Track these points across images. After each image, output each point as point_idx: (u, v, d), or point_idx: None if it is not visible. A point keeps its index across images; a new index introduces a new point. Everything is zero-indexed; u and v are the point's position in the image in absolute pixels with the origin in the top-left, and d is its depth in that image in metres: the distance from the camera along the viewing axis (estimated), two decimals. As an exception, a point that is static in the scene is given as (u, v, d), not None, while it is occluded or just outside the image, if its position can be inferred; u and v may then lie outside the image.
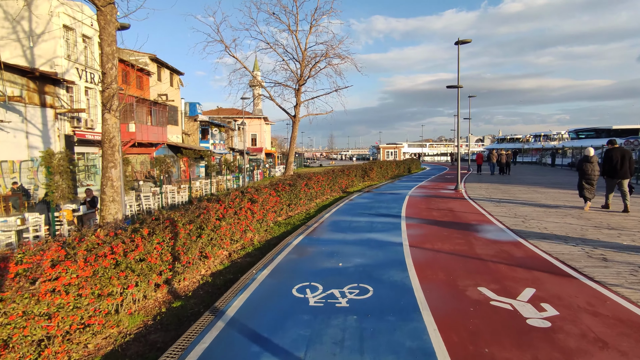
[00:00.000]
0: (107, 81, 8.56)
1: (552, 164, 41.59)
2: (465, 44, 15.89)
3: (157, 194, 16.13)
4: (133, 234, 4.46)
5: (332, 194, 15.82)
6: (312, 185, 12.60)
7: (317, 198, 13.82)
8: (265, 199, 8.61)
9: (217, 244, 6.38)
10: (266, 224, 8.93)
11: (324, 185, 14.21)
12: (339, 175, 16.49)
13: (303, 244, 7.26)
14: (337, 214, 10.70)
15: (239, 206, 7.26)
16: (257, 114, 63.13)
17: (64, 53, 20.05)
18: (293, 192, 10.84)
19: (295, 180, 11.43)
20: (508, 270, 5.26)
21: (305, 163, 74.69)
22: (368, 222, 9.30)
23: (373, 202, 12.95)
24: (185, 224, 5.44)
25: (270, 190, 9.30)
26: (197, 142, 40.02)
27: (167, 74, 33.52)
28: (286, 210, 10.71)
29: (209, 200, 7.17)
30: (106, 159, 8.80)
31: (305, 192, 11.90)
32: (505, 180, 21.61)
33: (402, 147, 55.30)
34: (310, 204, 12.78)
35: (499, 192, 15.20)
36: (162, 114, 29.51)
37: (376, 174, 22.63)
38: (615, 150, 9.83)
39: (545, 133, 62.90)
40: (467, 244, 6.81)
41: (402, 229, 8.30)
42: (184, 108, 39.58)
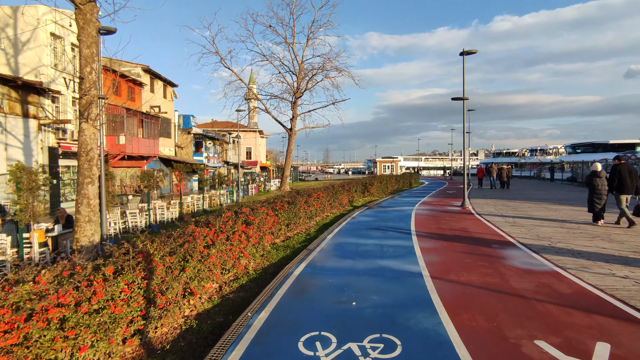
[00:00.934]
0: (86, 87, 7.60)
1: (551, 179, 41.12)
2: (470, 54, 15.28)
3: (144, 210, 15.02)
4: (93, 274, 3.43)
5: (332, 211, 14.84)
6: (312, 202, 11.63)
7: (317, 216, 12.84)
8: (261, 220, 7.61)
9: (205, 277, 5.35)
10: (262, 247, 7.90)
11: (323, 202, 13.25)
12: (339, 191, 15.54)
13: (306, 274, 6.24)
14: (341, 234, 9.70)
15: (231, 230, 6.25)
16: (253, 127, 62.46)
17: (50, 62, 19.15)
18: (292, 210, 9.86)
19: (294, 197, 10.45)
20: (562, 314, 4.29)
21: (300, 177, 73.78)
22: (377, 245, 8.32)
23: (378, 221, 11.98)
24: (165, 255, 4.43)
25: (268, 209, 8.31)
26: (191, 155, 39.00)
27: (160, 86, 32.71)
28: (284, 231, 9.70)
29: (196, 223, 6.15)
30: (82, 173, 7.78)
31: (305, 210, 10.92)
32: (509, 195, 20.82)
33: (398, 161, 54.65)
34: (310, 223, 11.78)
35: (508, 209, 14.34)
36: (154, 126, 28.55)
37: (376, 189, 21.73)
38: (622, 165, 9.91)
39: (541, 147, 62.85)
40: (498, 275, 5.85)
41: (417, 254, 7.32)
42: (178, 120, 38.68)
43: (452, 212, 14.02)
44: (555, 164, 47.85)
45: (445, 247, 8.02)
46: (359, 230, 10.33)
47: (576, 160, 34.26)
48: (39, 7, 18.52)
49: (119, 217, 14.10)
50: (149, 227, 14.31)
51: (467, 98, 15.64)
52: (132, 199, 25.37)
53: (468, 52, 15.17)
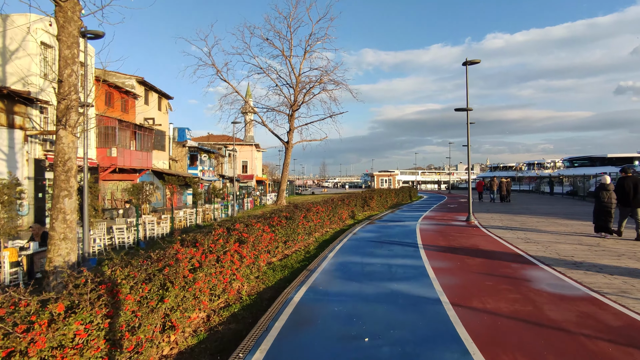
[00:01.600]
0: (64, 90, 6.92)
1: (550, 192, 40.67)
2: (474, 64, 14.86)
3: (133, 226, 14.15)
4: (37, 314, 2.65)
5: (332, 226, 14.06)
6: (311, 217, 10.88)
7: (316, 232, 12.06)
8: (257, 238, 6.84)
9: (189, 307, 4.55)
10: (258, 268, 7.10)
11: (323, 217, 12.50)
12: (338, 205, 14.81)
13: (307, 300, 5.45)
14: (343, 252, 8.93)
15: (222, 250, 5.48)
16: (249, 141, 62.00)
17: (39, 71, 18.52)
18: (290, 226, 9.09)
19: (292, 212, 9.70)
20: (622, 355, 3.54)
21: (297, 191, 72.96)
22: (384, 265, 7.55)
23: (381, 237, 11.22)
24: (139, 284, 3.65)
25: (264, 225, 7.55)
26: (185, 169, 38.20)
27: (155, 98, 32.17)
28: (282, 249, 8.91)
29: (182, 241, 5.38)
30: (58, 185, 7.01)
31: (304, 226, 10.15)
32: (513, 209, 20.18)
33: (396, 175, 54.16)
34: (309, 239, 10.99)
35: (516, 224, 13.65)
36: (148, 139, 27.86)
37: (376, 203, 21.02)
38: (628, 179, 9.81)
39: (538, 161, 62.82)
40: (529, 301, 5.10)
41: (430, 276, 6.56)
42: (172, 133, 38.03)
43: (459, 227, 13.31)
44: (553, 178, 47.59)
45: (460, 266, 7.27)
46: (363, 247, 9.56)
47: (577, 174, 33.82)
48: (29, 15, 18.00)
49: (104, 233, 13.22)
50: (137, 244, 13.44)
51: (471, 109, 15.15)
52: (122, 212, 24.46)
53: (471, 62, 14.75)
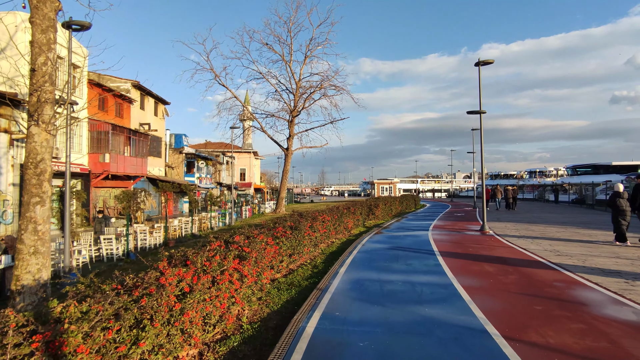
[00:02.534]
0: (37, 81, 5.99)
1: (555, 201, 39.78)
2: (487, 64, 14.06)
3: (122, 236, 13.10)
4: None
5: (337, 236, 13.06)
6: (317, 226, 9.88)
7: (322, 242, 11.04)
8: (260, 251, 5.84)
9: (176, 344, 3.54)
10: (261, 288, 6.08)
11: (329, 227, 11.50)
12: (344, 214, 13.82)
13: (323, 331, 4.44)
14: (355, 267, 7.92)
15: (219, 268, 4.48)
16: (247, 148, 61.17)
17: (28, 72, 17.57)
18: (296, 237, 8.09)
19: (296, 221, 8.70)
20: None
21: (295, 199, 71.90)
22: (405, 283, 6.55)
23: (393, 249, 10.23)
24: (103, 322, 2.65)
25: (267, 237, 6.55)
26: (182, 176, 37.16)
27: (151, 103, 31.29)
28: (287, 263, 7.89)
29: (169, 258, 4.39)
30: (29, 191, 6.03)
31: (310, 237, 9.15)
32: (524, 217, 19.22)
33: (397, 183, 53.29)
34: (315, 251, 9.97)
35: (534, 233, 12.70)
36: (143, 145, 26.88)
37: (381, 211, 20.05)
38: None
39: (540, 169, 62.16)
40: (600, 335, 4.11)
41: (464, 297, 5.57)
42: (169, 139, 37.09)
43: (474, 237, 12.33)
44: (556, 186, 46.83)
45: (493, 285, 6.28)
46: (376, 261, 8.56)
47: (585, 182, 33.01)
48: (17, 14, 17.16)
49: (91, 243, 12.16)
50: (127, 256, 12.38)
51: (485, 111, 14.30)
52: (115, 221, 23.34)
53: (484, 62, 13.95)
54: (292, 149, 34.41)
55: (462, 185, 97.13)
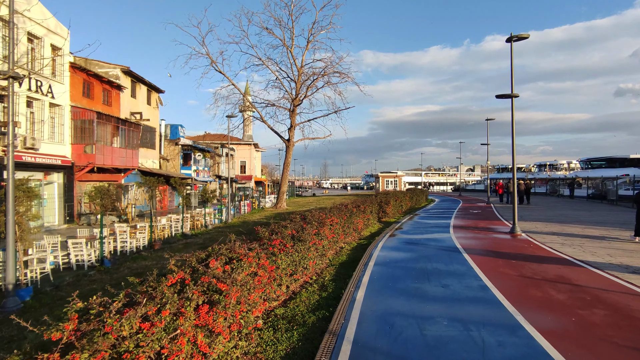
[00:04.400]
0: None
1: (570, 196, 37.78)
2: (521, 40, 12.03)
3: (96, 239, 11.27)
4: None
5: (346, 239, 11.22)
6: (325, 233, 8.01)
7: (331, 249, 9.19)
8: (246, 283, 3.97)
9: None
10: (247, 338, 4.20)
11: (337, 231, 9.64)
12: (354, 214, 11.95)
13: None
14: (376, 290, 6.07)
15: (167, 335, 2.61)
16: (247, 140, 59.24)
17: None
18: (299, 251, 6.22)
19: (300, 229, 6.82)
20: None
21: (297, 192, 70.14)
22: (453, 321, 4.68)
23: (417, 260, 8.37)
24: None
25: (259, 257, 4.67)
26: (178, 169, 35.31)
27: (143, 91, 29.30)
28: (287, 283, 6.03)
29: (80, 322, 2.53)
30: None
31: (316, 246, 7.29)
32: (550, 216, 17.28)
33: (402, 176, 51.31)
34: (322, 263, 8.12)
35: (578, 239, 10.81)
36: (134, 135, 24.98)
37: (392, 208, 18.19)
38: None
39: (550, 162, 60.00)
40: None
41: (553, 356, 3.71)
42: (165, 130, 35.17)
43: (508, 242, 10.46)
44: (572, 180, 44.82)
45: (581, 327, 4.42)
46: (401, 279, 6.70)
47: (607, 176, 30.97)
48: (-17, -15, 15.15)
49: (55, 248, 10.33)
50: (101, 263, 10.58)
51: (517, 95, 12.30)
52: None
53: (518, 37, 11.91)
54: (293, 140, 32.45)
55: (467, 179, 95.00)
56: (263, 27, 30.58)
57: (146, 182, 13.93)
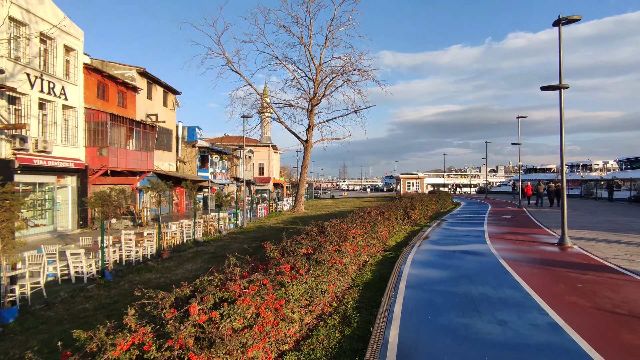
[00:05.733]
0: None
1: (609, 198, 35.05)
2: (572, 23, 10.46)
3: (97, 249, 10.43)
4: None
5: (370, 251, 9.97)
6: (347, 247, 6.80)
7: (353, 264, 7.95)
8: (238, 339, 2.82)
9: None
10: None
11: (360, 242, 8.40)
12: (378, 222, 10.67)
13: None
14: (413, 327, 4.82)
15: None
16: (265, 142, 58.66)
17: (6, 52, 15.23)
18: (316, 275, 5.02)
19: (317, 245, 5.63)
20: None
21: (315, 194, 69.09)
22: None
23: (456, 280, 7.03)
24: None
25: (262, 294, 3.50)
26: (195, 171, 34.87)
27: (160, 92, 28.90)
28: (300, 316, 4.85)
29: None
30: None
31: (337, 266, 6.09)
32: (596, 222, 15.39)
33: (424, 178, 49.35)
34: (342, 283, 6.88)
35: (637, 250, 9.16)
36: (149, 137, 24.48)
37: (418, 213, 16.76)
38: None
39: (584, 163, 56.48)
40: None
41: None
42: (182, 132, 34.78)
43: (565, 260, 8.93)
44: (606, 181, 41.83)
45: None
46: (442, 310, 5.40)
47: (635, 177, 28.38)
48: (-7, -16, 14.77)
49: (54, 259, 9.53)
50: (102, 275, 9.72)
51: (567, 86, 10.72)
52: (116, 222, 21.07)
53: (568, 19, 10.34)
54: (311, 141, 31.36)
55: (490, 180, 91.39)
56: (280, 25, 29.68)
57: (153, 185, 13.09)
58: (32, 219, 17.76)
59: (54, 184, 18.57)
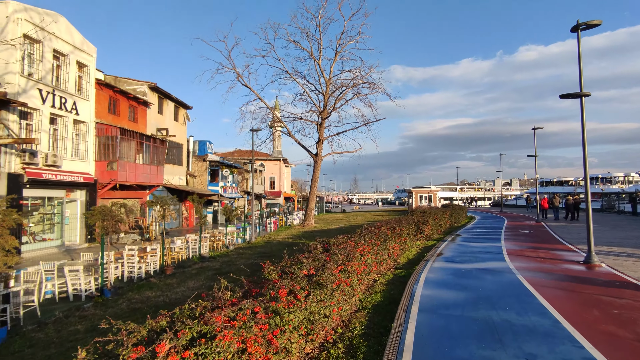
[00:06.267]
0: None
1: (633, 212, 33.46)
2: (591, 28, 9.93)
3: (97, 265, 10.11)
4: None
5: (380, 269, 9.40)
6: (354, 267, 6.28)
7: (362, 284, 7.39)
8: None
9: None
10: None
11: (369, 260, 7.86)
12: (389, 238, 10.10)
13: None
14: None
15: None
16: (276, 156, 58.72)
17: (20, 69, 15.45)
18: (318, 299, 4.52)
19: (320, 265, 5.14)
20: None
21: (327, 208, 68.46)
22: None
23: (475, 303, 6.41)
24: None
25: (247, 327, 3.02)
26: (205, 185, 34.85)
27: (171, 107, 29.16)
28: (299, 347, 4.32)
29: None
30: None
31: (342, 288, 5.56)
32: (622, 238, 14.44)
33: (437, 191, 48.34)
34: (349, 306, 6.33)
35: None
36: (159, 151, 24.54)
37: (431, 228, 16.08)
38: None
39: (603, 175, 54.70)
40: None
41: None
42: (193, 147, 34.93)
43: (594, 281, 8.19)
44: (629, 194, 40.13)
45: None
46: (461, 343, 4.80)
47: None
48: (9, 3, 15.12)
49: (52, 275, 9.23)
50: (101, 293, 9.36)
51: (589, 94, 10.12)
52: (124, 236, 20.92)
53: (588, 24, 9.82)
54: (321, 154, 31.06)
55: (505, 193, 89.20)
56: (290, 39, 29.86)
57: (157, 199, 12.84)
58: (40, 233, 17.73)
59: (63, 198, 18.59)
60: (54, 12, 17.41)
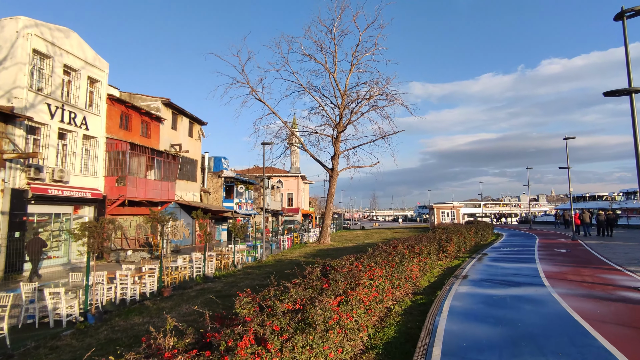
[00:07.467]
0: None
1: (681, 230, 30.38)
2: (638, 15, 8.61)
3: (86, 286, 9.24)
4: None
5: (396, 294, 8.09)
6: (359, 295, 5.08)
7: (372, 314, 6.13)
8: None
9: None
10: None
11: (382, 286, 6.61)
12: (406, 258, 8.80)
13: None
14: None
15: None
16: (295, 172, 58.11)
17: (29, 84, 15.33)
18: (303, 345, 3.37)
19: (316, 294, 4.00)
20: None
21: (345, 225, 66.85)
22: None
23: (522, 351, 5.06)
24: None
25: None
26: (220, 202, 34.31)
27: (185, 123, 29.00)
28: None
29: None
30: None
31: (341, 324, 4.37)
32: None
33: (460, 208, 46.16)
34: (353, 345, 5.08)
35: None
36: (171, 167, 24.14)
37: (455, 247, 14.57)
38: None
39: (643, 190, 50.80)
40: None
41: None
42: (208, 163, 34.63)
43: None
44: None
45: None
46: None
47: None
48: (19, 18, 15.15)
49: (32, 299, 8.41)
50: (84, 319, 8.45)
51: (638, 90, 8.71)
52: (132, 254, 20.30)
53: (635, 9, 8.51)
54: (337, 169, 29.99)
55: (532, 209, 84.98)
56: (304, 53, 29.43)
57: (155, 217, 12.04)
58: (46, 251, 17.29)
59: (70, 215, 18.19)
60: (65, 28, 17.44)
